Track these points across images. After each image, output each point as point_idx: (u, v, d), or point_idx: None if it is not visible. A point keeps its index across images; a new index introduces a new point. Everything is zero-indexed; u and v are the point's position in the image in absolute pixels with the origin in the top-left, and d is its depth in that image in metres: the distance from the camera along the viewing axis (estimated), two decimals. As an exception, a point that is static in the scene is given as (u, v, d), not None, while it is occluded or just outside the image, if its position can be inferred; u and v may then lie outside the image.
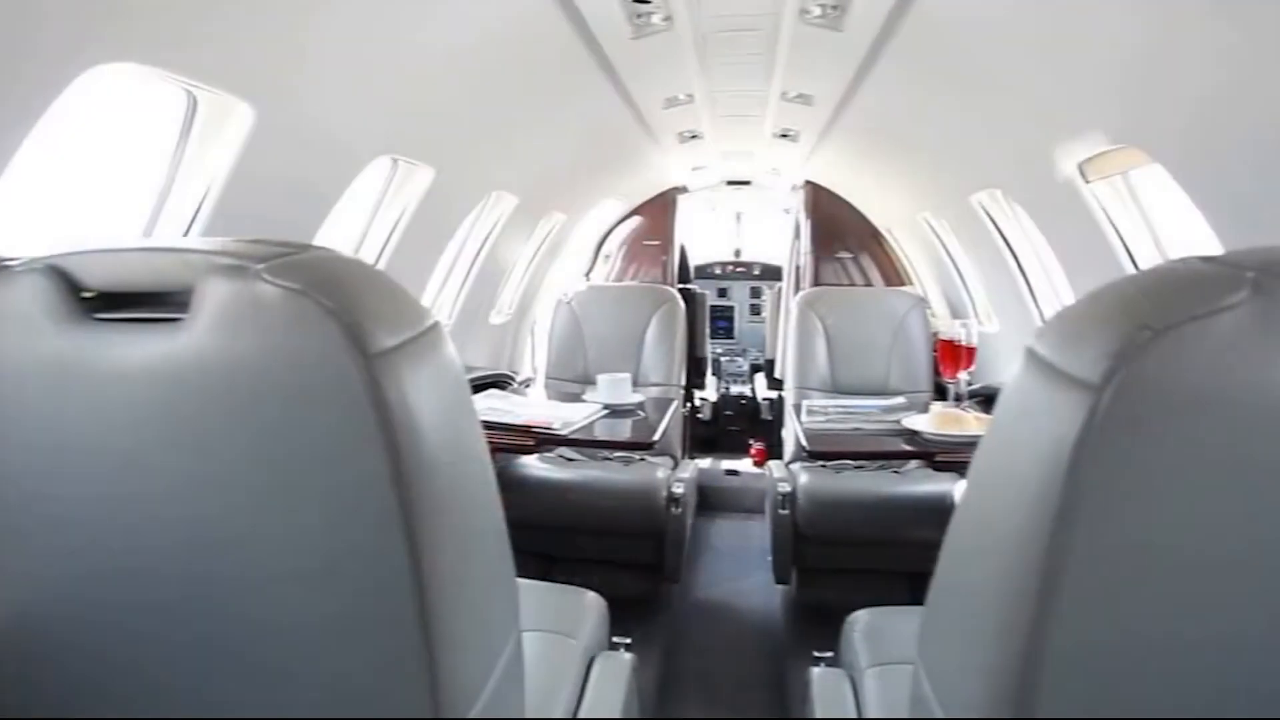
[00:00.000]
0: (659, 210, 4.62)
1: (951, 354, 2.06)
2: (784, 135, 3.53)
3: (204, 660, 0.63)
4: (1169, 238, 1.98)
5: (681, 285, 4.24)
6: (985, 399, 2.16)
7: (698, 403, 4.09)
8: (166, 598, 0.63)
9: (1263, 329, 0.48)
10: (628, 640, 1.30)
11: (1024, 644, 0.54)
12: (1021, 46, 1.78)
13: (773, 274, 4.90)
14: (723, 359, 4.93)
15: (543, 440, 1.83)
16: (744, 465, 3.92)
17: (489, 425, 1.85)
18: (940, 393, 2.65)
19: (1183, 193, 1.63)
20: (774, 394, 3.84)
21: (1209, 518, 0.50)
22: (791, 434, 2.64)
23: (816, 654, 1.34)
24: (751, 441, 4.04)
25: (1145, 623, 0.52)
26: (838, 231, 4.29)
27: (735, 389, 4.65)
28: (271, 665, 0.62)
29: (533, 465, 2.50)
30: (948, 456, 1.75)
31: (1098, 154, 1.90)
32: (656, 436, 1.89)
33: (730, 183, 4.95)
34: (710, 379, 4.45)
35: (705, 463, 3.93)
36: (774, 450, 3.51)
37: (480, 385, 2.39)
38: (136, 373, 0.59)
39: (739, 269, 5.14)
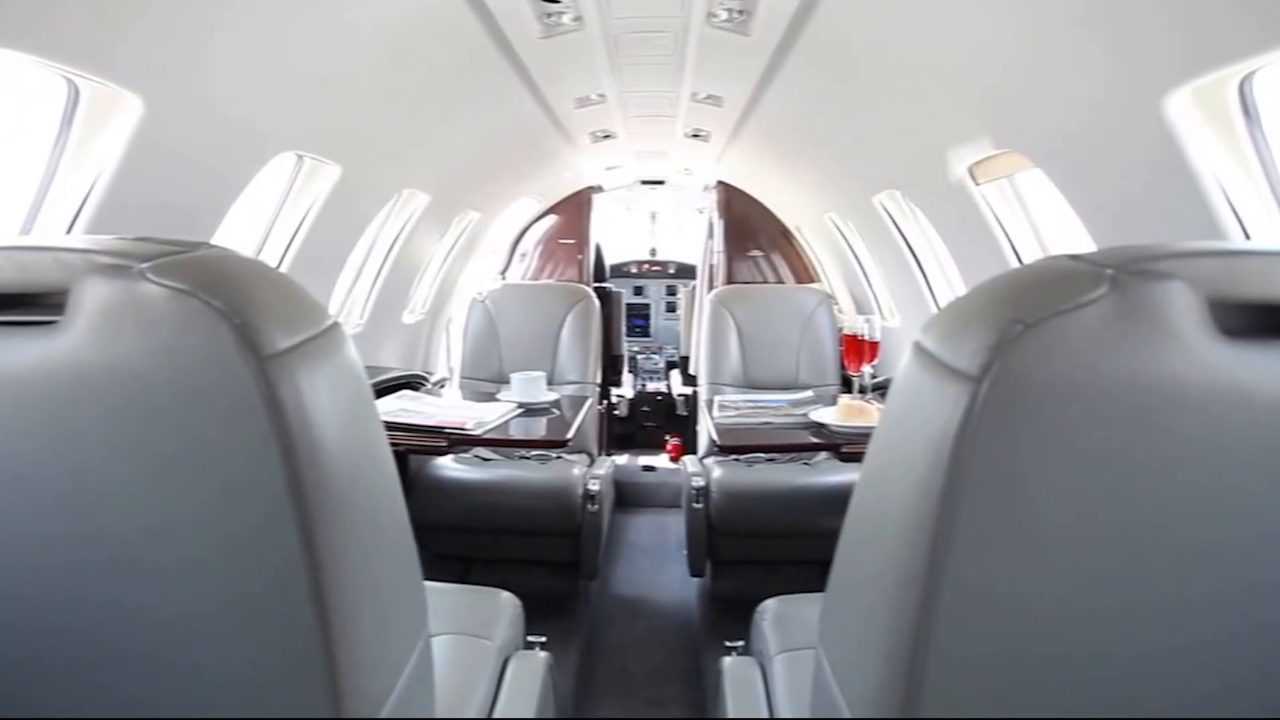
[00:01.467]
0: (574, 209, 4.62)
1: (856, 348, 2.13)
2: (695, 135, 3.59)
3: (96, 678, 0.61)
4: (1051, 236, 2.13)
5: (597, 284, 4.25)
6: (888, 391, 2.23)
7: (614, 400, 4.11)
8: (52, 607, 0.60)
9: (1119, 321, 0.53)
10: (543, 639, 1.30)
11: (914, 625, 0.57)
12: (915, 55, 1.87)
13: (688, 272, 4.97)
14: (639, 356, 4.97)
15: (455, 441, 1.80)
16: (660, 461, 3.96)
17: (400, 427, 1.81)
18: (847, 385, 2.72)
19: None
20: (689, 390, 3.90)
21: (1076, 499, 0.54)
22: (705, 429, 2.69)
23: (728, 644, 1.37)
24: (668, 437, 4.09)
25: (1024, 602, 0.56)
26: (749, 230, 4.39)
27: (651, 386, 4.70)
28: (167, 666, 0.60)
29: (448, 466, 2.46)
30: (853, 447, 1.79)
31: (985, 158, 2.02)
32: (570, 434, 1.89)
33: (645, 182, 5.00)
34: (627, 376, 4.48)
35: (622, 459, 3.95)
36: (690, 445, 3.56)
37: (393, 386, 2.33)
38: (7, 379, 0.55)
39: (654, 268, 5.19)
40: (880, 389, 2.24)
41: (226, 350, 0.52)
